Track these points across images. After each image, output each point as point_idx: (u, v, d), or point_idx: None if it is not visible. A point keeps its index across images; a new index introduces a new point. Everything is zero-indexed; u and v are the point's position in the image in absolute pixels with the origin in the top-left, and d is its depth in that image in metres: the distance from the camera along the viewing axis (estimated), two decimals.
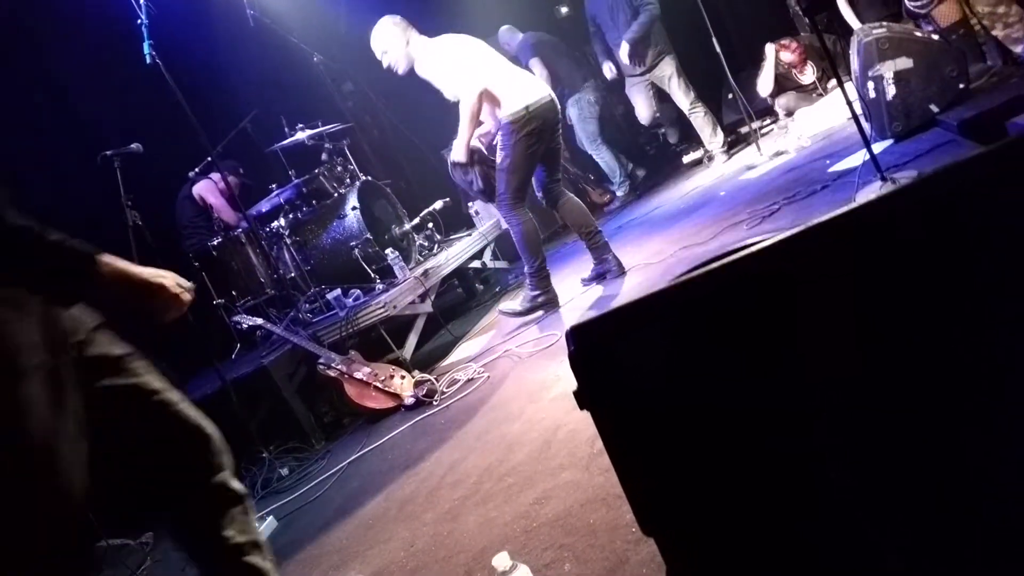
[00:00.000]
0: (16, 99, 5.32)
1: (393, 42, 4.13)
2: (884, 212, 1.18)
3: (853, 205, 1.17)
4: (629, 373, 1.18)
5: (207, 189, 5.57)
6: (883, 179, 3.35)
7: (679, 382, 1.17)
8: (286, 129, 5.49)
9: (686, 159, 7.19)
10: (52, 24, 5.52)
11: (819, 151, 5.00)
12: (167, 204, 5.69)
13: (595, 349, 1.19)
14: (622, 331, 1.20)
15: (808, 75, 6.50)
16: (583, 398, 1.19)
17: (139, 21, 4.40)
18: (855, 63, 4.27)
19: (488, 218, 6.41)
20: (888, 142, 4.16)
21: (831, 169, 4.30)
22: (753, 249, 1.20)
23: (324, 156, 5.58)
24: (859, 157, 3.95)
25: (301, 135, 5.31)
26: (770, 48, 6.42)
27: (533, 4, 8.44)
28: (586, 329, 1.22)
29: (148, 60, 4.35)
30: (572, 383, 1.22)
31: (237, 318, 4.23)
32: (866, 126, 3.97)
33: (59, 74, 5.62)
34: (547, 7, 8.80)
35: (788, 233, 1.20)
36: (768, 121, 6.94)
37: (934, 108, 4.01)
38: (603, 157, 7.17)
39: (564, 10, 8.81)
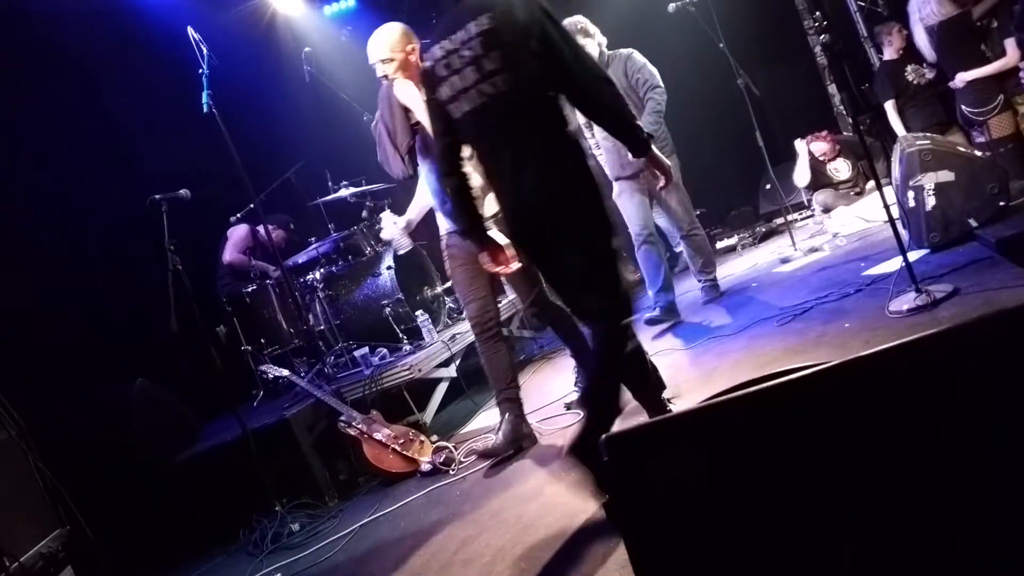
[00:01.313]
0: (72, 133, 5.51)
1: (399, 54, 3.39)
2: (917, 356, 1.20)
3: (885, 346, 1.19)
4: (661, 492, 1.19)
5: (236, 238, 5.65)
6: (918, 290, 3.35)
7: (710, 506, 1.18)
8: (330, 184, 5.62)
9: (720, 244, 7.22)
10: (114, 66, 5.74)
11: (854, 252, 5.02)
12: (208, 249, 5.80)
13: (630, 463, 1.20)
14: (657, 448, 1.21)
15: (843, 171, 6.56)
16: (614, 512, 1.20)
17: (200, 71, 4.59)
18: (896, 171, 4.32)
19: (510, 293, 6.45)
20: (924, 251, 4.16)
21: (865, 272, 4.30)
22: (787, 379, 1.22)
23: (364, 213, 5.70)
24: (894, 264, 3.96)
25: (344, 192, 5.44)
26: (800, 144, 6.51)
27: None
28: (622, 441, 1.24)
29: (205, 109, 4.53)
30: None
31: (264, 367, 4.28)
32: (903, 233, 3.99)
33: (116, 114, 5.82)
34: None
35: (823, 366, 1.23)
36: (804, 215, 6.99)
37: (973, 223, 4.03)
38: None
39: None
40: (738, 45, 5.93)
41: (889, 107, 5.68)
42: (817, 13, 3.63)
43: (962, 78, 5.07)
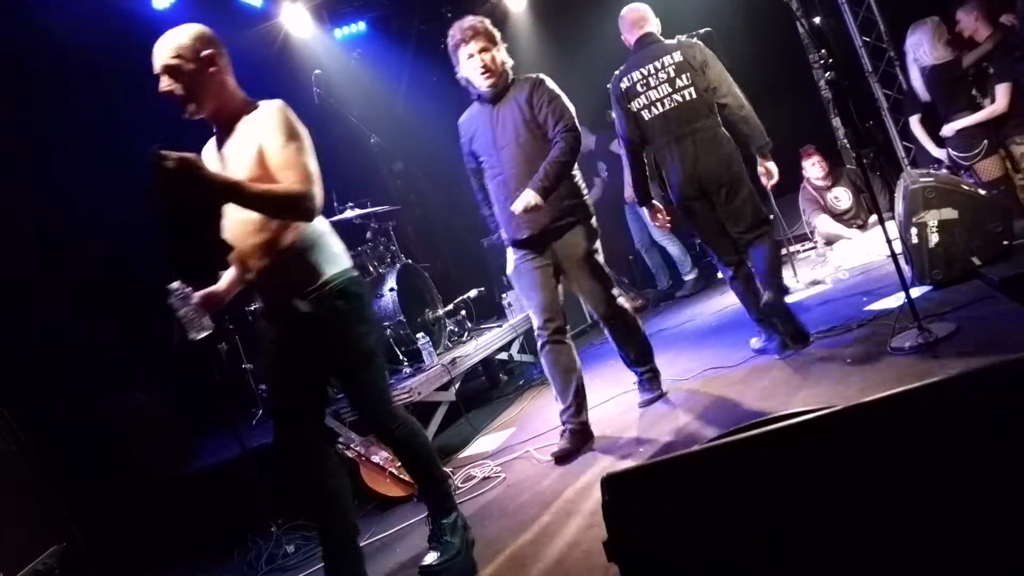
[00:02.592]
0: (78, 150, 5.55)
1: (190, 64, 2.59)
2: (919, 404, 1.21)
3: (885, 394, 1.20)
4: (660, 532, 1.19)
5: None
6: (920, 328, 3.36)
7: (709, 548, 1.17)
8: (336, 205, 5.65)
9: (720, 274, 7.22)
10: (128, 83, 5.78)
11: (856, 286, 5.02)
12: None
13: (629, 502, 1.20)
14: (656, 489, 1.21)
15: (844, 200, 6.58)
16: (613, 550, 1.20)
17: None
18: (900, 206, 4.34)
19: (520, 311, 6.46)
20: (927, 288, 4.17)
21: (867, 307, 4.31)
22: (788, 424, 1.23)
23: (369, 235, 5.72)
24: (896, 299, 3.97)
25: (350, 213, 5.46)
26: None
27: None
28: (621, 480, 1.24)
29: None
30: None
31: (264, 386, 4.27)
32: (906, 269, 4.00)
33: (130, 134, 5.85)
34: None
35: (824, 412, 1.24)
36: (806, 246, 7.00)
37: (976, 261, 4.04)
38: (673, 249, 7.34)
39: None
40: (742, 77, 5.96)
41: (914, 121, 5.71)
42: (822, 51, 3.66)
43: (951, 127, 5.12)
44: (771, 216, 4.32)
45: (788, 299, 5.32)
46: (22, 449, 3.03)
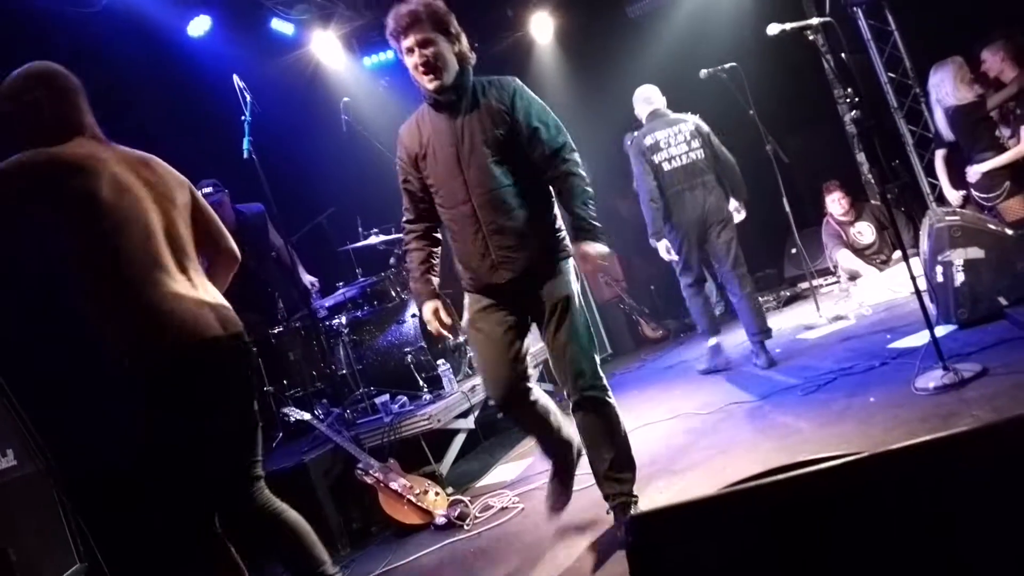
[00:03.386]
0: None
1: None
2: (947, 453, 1.20)
3: (916, 441, 1.19)
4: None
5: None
6: (945, 368, 3.32)
7: None
8: (360, 230, 5.70)
9: None
10: (154, 106, 5.89)
11: (880, 323, 4.99)
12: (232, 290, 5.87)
13: (653, 545, 1.21)
14: (681, 531, 1.22)
15: (867, 235, 6.56)
16: None
17: (243, 118, 4.72)
18: (925, 244, 4.32)
19: (537, 340, 6.46)
20: (952, 327, 4.14)
21: (891, 345, 4.28)
22: (816, 469, 1.23)
23: (392, 260, 5.77)
24: (921, 338, 3.95)
25: (374, 239, 5.52)
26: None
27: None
28: (647, 522, 1.24)
29: (245, 155, 4.65)
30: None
31: (286, 410, 4.30)
32: (930, 307, 3.98)
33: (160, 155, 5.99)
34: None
35: (853, 458, 1.23)
36: (829, 281, 6.97)
37: (1003, 300, 4.01)
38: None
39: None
40: (767, 111, 6.01)
41: (939, 156, 5.71)
42: (848, 89, 3.68)
43: (976, 171, 5.11)
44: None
45: (811, 334, 5.34)
46: (49, 471, 3.06)
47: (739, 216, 5.14)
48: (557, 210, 2.99)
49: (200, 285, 2.39)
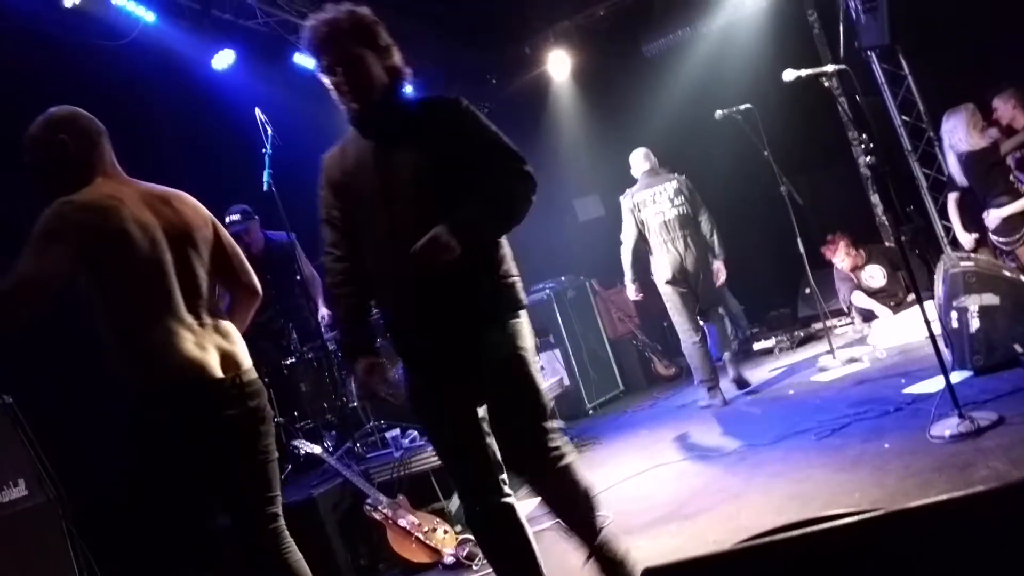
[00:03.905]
0: None
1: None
2: (964, 513, 1.20)
3: (932, 500, 1.19)
4: None
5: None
6: (961, 416, 3.30)
7: None
8: None
9: (756, 346, 7.18)
10: (178, 138, 5.96)
11: (894, 367, 4.96)
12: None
13: None
14: None
15: (878, 278, 6.53)
16: None
17: (264, 150, 4.79)
18: (940, 289, 4.30)
19: (552, 374, 6.46)
20: (967, 374, 4.11)
21: (906, 390, 4.25)
22: (833, 525, 1.22)
23: None
24: (936, 384, 3.91)
25: None
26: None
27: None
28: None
29: (265, 187, 4.71)
30: None
31: (296, 442, 4.30)
32: (945, 353, 3.95)
33: (184, 190, 6.06)
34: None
35: (874, 514, 1.23)
36: (843, 322, 6.94)
37: (1018, 348, 3.98)
38: (731, 306, 7.49)
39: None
40: (782, 151, 6.05)
41: (952, 199, 5.72)
42: (863, 135, 3.70)
43: (997, 215, 5.12)
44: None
45: (825, 376, 5.31)
46: (59, 500, 3.08)
47: (720, 276, 5.69)
48: (507, 252, 2.40)
49: (209, 325, 2.38)
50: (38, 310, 2.15)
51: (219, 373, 2.31)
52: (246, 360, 2.44)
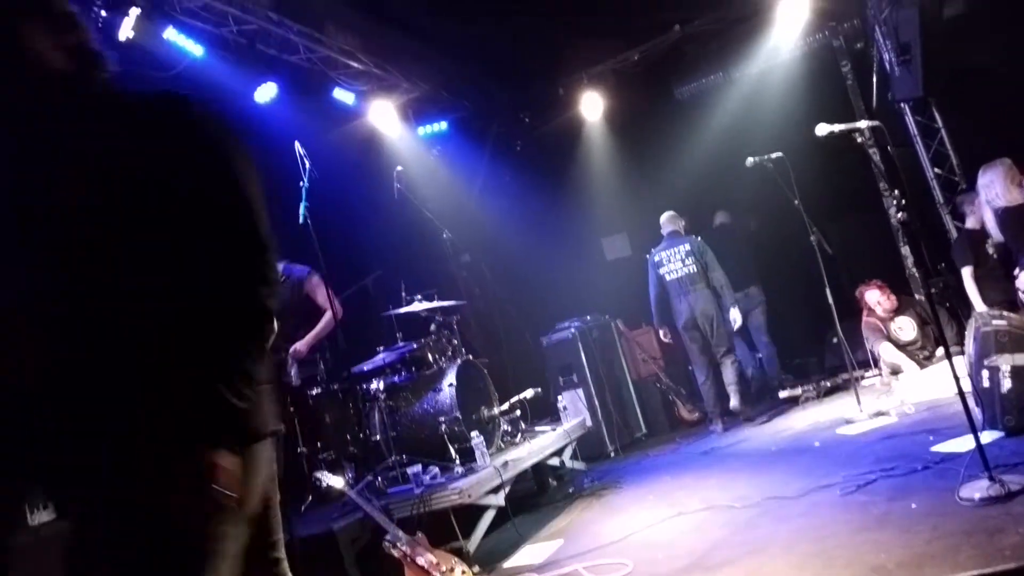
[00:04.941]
0: None
1: None
2: None
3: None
4: None
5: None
6: (991, 478, 3.24)
7: None
8: (404, 295, 5.80)
9: (782, 394, 7.11)
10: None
11: (922, 423, 4.90)
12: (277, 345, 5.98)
13: None
14: None
15: (907, 330, 6.45)
16: None
17: (301, 184, 4.90)
18: (970, 347, 4.26)
19: (575, 415, 6.46)
20: (998, 434, 4.04)
21: (934, 448, 4.19)
22: None
23: (433, 327, 5.85)
24: (965, 443, 3.86)
25: (418, 306, 5.61)
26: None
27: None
28: None
29: (301, 220, 4.81)
30: None
31: (318, 474, 4.33)
32: (975, 411, 3.90)
33: None
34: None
35: None
36: (870, 374, 6.87)
37: None
38: (766, 351, 7.60)
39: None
40: (812, 199, 6.06)
41: (966, 275, 5.66)
42: (895, 191, 3.71)
43: None
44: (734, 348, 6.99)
45: (851, 429, 5.26)
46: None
47: (736, 322, 6.65)
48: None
49: None
50: None
51: None
52: None
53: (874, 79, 7.13)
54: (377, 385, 5.31)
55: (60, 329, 1.43)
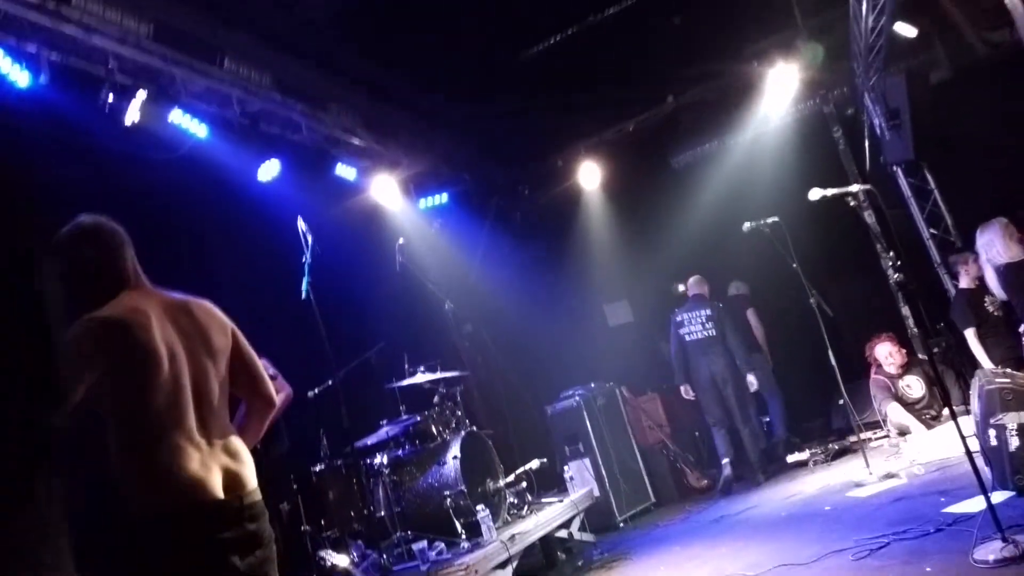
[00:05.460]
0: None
1: None
2: None
3: None
4: None
5: None
6: (1004, 539, 3.20)
7: None
8: (407, 367, 5.80)
9: (790, 459, 7.02)
10: (219, 246, 6.15)
11: (932, 484, 4.83)
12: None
13: None
14: None
15: (916, 389, 6.42)
16: None
17: (304, 259, 4.96)
18: (976, 406, 4.25)
19: (582, 485, 6.37)
20: (1009, 494, 3.99)
21: (945, 510, 4.13)
22: None
23: (436, 399, 5.83)
24: (977, 503, 3.80)
25: (421, 378, 5.61)
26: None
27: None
28: None
29: (303, 295, 4.85)
30: None
31: (323, 553, 4.28)
32: (984, 471, 3.86)
33: (225, 300, 6.22)
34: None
35: None
36: (878, 435, 6.80)
37: None
38: (778, 406, 7.73)
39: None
40: (810, 261, 6.11)
41: (970, 336, 5.66)
42: (891, 252, 3.76)
43: None
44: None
45: (861, 492, 5.19)
46: None
47: (752, 385, 6.97)
48: None
49: (217, 444, 2.32)
50: None
51: (220, 494, 2.23)
52: (251, 481, 2.36)
53: (866, 143, 7.28)
54: (381, 460, 5.27)
55: None
